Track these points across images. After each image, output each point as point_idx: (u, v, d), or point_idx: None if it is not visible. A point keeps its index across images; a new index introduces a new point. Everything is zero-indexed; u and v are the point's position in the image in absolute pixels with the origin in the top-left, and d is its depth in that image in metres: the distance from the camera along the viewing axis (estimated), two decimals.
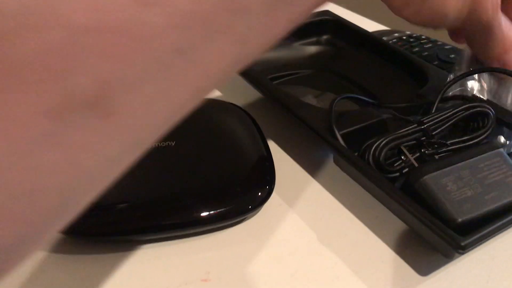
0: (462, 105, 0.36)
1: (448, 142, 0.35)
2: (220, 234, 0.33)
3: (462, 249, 0.28)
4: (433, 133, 0.35)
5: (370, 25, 0.62)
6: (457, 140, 0.35)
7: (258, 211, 0.34)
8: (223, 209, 0.33)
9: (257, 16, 0.19)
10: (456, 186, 0.32)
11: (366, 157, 0.34)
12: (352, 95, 0.40)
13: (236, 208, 0.33)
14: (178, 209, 0.32)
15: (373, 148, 0.34)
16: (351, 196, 0.36)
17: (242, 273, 0.31)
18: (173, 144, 0.35)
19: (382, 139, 0.34)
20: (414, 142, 0.35)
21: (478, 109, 0.36)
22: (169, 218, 0.32)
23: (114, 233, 0.32)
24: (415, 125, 0.35)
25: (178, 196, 0.33)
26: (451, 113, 0.36)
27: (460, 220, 0.30)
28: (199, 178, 0.34)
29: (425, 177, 0.31)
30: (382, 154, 0.33)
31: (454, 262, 0.32)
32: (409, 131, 0.35)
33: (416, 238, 0.33)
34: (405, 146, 0.35)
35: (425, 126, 0.35)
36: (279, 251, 0.32)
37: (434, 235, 0.29)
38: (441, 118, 0.36)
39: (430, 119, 0.35)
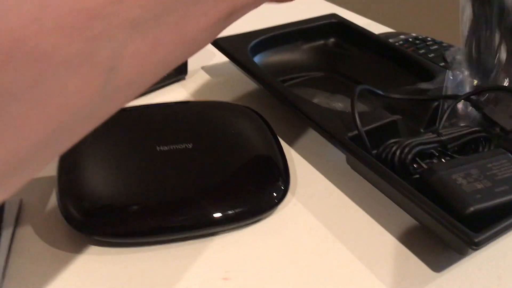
0: (475, 127, 0.38)
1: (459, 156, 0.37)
2: (238, 234, 0.34)
3: (476, 245, 0.29)
4: (448, 146, 0.37)
5: (376, 28, 0.63)
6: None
7: (273, 211, 0.35)
8: (240, 209, 0.34)
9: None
10: (466, 181, 0.33)
11: (390, 157, 0.35)
12: (369, 87, 0.41)
13: (252, 208, 0.34)
14: (197, 211, 0.33)
15: (400, 150, 0.35)
16: (364, 195, 0.37)
17: (261, 272, 0.31)
18: (190, 147, 0.36)
19: (407, 142, 0.36)
20: (432, 151, 0.36)
21: (484, 134, 0.38)
22: (188, 220, 0.33)
23: (135, 235, 0.32)
24: (435, 135, 0.37)
25: (196, 197, 0.34)
26: (467, 132, 0.38)
27: (472, 208, 0.31)
28: (216, 179, 0.35)
29: (439, 173, 0.33)
30: (409, 157, 0.35)
31: (467, 259, 0.33)
32: (429, 140, 0.36)
33: (430, 235, 0.34)
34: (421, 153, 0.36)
35: (443, 138, 0.37)
36: (296, 250, 0.33)
37: (448, 232, 0.30)
38: (458, 134, 0.37)
39: (448, 133, 0.37)
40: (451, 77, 0.42)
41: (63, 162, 0.36)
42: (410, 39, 0.57)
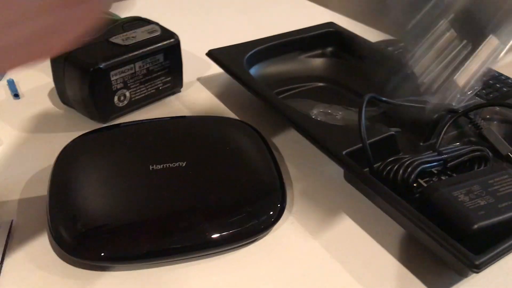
0: (473, 146, 0.38)
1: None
2: (233, 255, 0.33)
3: (477, 268, 0.28)
4: (448, 165, 0.36)
5: (375, 35, 0.62)
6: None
7: (270, 230, 0.34)
8: (236, 230, 0.33)
9: None
10: (469, 197, 0.32)
11: (392, 176, 0.35)
12: (376, 95, 0.40)
13: (249, 229, 0.33)
14: (192, 233, 0.32)
15: (403, 169, 0.35)
16: (362, 212, 0.36)
17: None
18: (183, 165, 0.35)
19: (409, 161, 0.35)
20: (432, 170, 0.36)
21: (483, 153, 0.38)
22: (182, 242, 0.32)
23: (128, 259, 0.31)
24: (436, 153, 0.36)
25: (191, 219, 0.33)
26: (466, 151, 0.37)
27: (476, 226, 0.30)
28: (211, 199, 0.34)
29: (441, 190, 0.32)
30: (412, 176, 0.34)
31: (468, 279, 0.32)
32: (431, 159, 0.36)
33: (430, 255, 0.33)
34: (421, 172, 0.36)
35: (444, 157, 0.36)
36: (293, 272, 0.32)
37: (448, 253, 0.29)
38: (458, 153, 0.37)
39: (448, 151, 0.37)
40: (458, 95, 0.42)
41: (54, 182, 0.35)
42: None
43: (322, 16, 0.69)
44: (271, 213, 0.34)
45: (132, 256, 0.31)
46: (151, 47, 0.45)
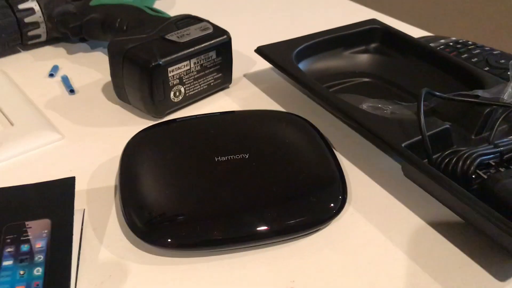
0: None
1: None
2: (298, 243, 0.34)
3: None
4: (504, 157, 0.37)
5: (414, 32, 0.63)
6: None
7: (331, 221, 0.35)
8: (299, 220, 0.34)
9: None
10: None
11: (451, 168, 0.35)
12: (431, 90, 0.41)
13: (312, 219, 0.34)
14: (256, 221, 0.33)
15: (462, 161, 0.36)
16: (421, 203, 0.37)
17: (325, 282, 0.32)
18: (246, 157, 0.37)
19: (468, 153, 0.36)
20: (489, 162, 0.37)
21: None
22: (246, 230, 0.33)
23: (197, 245, 0.33)
24: (492, 146, 0.37)
25: (256, 207, 0.34)
26: None
27: None
28: (275, 189, 0.35)
29: (504, 181, 0.33)
30: (472, 168, 0.35)
31: None
32: (489, 151, 0.36)
33: (493, 246, 0.34)
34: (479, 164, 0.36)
35: (501, 149, 0.37)
36: (358, 260, 0.33)
37: None
38: None
39: (504, 144, 0.38)
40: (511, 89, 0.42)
41: (123, 173, 0.36)
42: (451, 43, 0.57)
43: (360, 13, 0.70)
44: (333, 204, 0.35)
45: (199, 243, 0.32)
46: (205, 43, 0.46)
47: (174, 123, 0.42)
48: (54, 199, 0.35)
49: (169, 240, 0.32)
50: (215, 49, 0.47)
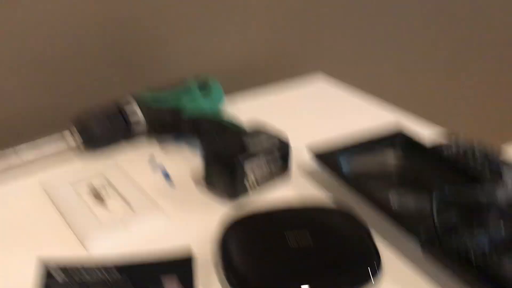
0: None
1: None
2: None
3: None
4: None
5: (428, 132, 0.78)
6: None
7: None
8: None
9: None
10: None
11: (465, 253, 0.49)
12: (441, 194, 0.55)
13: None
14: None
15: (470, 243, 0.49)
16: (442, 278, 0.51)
17: None
18: (311, 245, 0.51)
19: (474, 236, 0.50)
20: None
21: None
22: None
23: None
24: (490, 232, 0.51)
25: (318, 276, 0.48)
26: None
27: None
28: (330, 269, 0.49)
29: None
30: (478, 250, 0.48)
31: None
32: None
33: None
34: None
35: (498, 236, 0.51)
36: None
37: None
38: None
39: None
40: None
41: (223, 249, 0.51)
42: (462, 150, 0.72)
43: (383, 112, 0.86)
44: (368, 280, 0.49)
45: None
46: (273, 149, 0.63)
47: (259, 215, 0.56)
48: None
49: None
50: (279, 152, 0.63)
